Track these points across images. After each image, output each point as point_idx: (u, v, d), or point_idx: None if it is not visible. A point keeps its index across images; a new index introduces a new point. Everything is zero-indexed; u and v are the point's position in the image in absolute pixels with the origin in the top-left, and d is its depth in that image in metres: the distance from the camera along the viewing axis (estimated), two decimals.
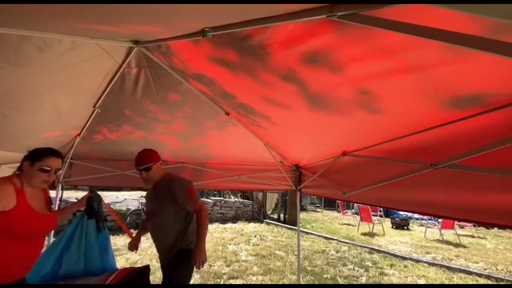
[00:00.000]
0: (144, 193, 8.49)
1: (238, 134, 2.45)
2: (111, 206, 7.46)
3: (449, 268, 5.08)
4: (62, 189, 6.65)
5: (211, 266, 4.67)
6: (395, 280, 4.37)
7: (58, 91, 2.03)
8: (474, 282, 4.47)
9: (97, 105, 2.30)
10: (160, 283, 2.00)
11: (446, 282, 4.38)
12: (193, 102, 2.12)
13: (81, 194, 10.04)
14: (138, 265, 4.61)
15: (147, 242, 6.16)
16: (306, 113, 1.45)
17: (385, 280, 4.35)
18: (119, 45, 1.71)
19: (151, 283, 3.72)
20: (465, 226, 10.25)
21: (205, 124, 2.39)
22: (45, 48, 1.54)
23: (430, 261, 5.47)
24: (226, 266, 4.70)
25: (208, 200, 10.05)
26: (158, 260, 4.98)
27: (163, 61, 1.83)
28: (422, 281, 4.41)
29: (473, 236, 9.34)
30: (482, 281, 4.55)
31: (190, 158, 3.10)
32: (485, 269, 5.27)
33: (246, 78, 1.40)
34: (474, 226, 10.07)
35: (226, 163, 3.19)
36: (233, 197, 11.68)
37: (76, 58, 1.70)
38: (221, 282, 4.01)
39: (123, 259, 4.86)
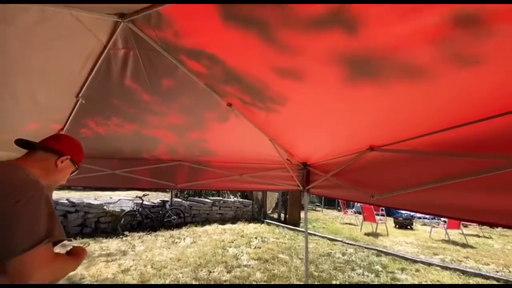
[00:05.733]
0: (140, 193, 8.21)
1: (241, 127, 2.15)
2: (105, 207, 7.13)
3: (463, 272, 4.83)
4: None
5: (210, 272, 4.38)
6: None
7: (32, 77, 1.74)
8: None
9: (80, 95, 2.00)
10: None
11: None
12: (190, 89, 1.83)
13: (73, 194, 9.68)
14: (131, 271, 4.34)
15: (142, 245, 5.86)
16: (335, 88, 1.13)
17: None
18: (102, 18, 1.41)
19: None
20: (470, 225, 10.06)
21: (204, 115, 2.09)
22: (9, 20, 1.26)
23: (443, 265, 5.21)
24: (227, 272, 4.40)
25: (207, 200, 9.76)
26: (153, 266, 4.70)
27: (154, 39, 1.53)
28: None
29: (478, 236, 9.16)
30: None
31: (188, 156, 2.80)
32: (497, 272, 5.04)
33: (259, 43, 1.10)
34: (479, 225, 9.87)
35: (227, 161, 2.91)
36: (232, 197, 11.39)
37: (49, 34, 1.40)
38: None
39: (116, 265, 4.54)
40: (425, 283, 4.30)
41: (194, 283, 3.94)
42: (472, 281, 4.46)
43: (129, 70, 1.76)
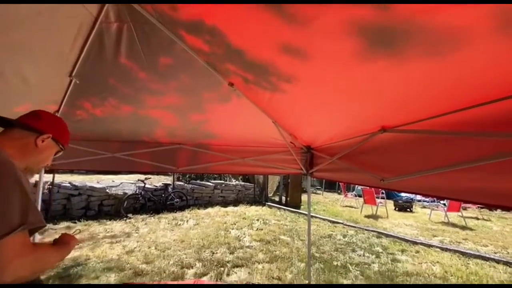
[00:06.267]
0: (142, 177, 8.22)
1: (243, 109, 2.06)
2: (107, 190, 7.17)
3: (463, 253, 4.89)
4: (54, 172, 6.33)
5: (213, 253, 4.45)
6: (410, 268, 4.16)
7: (18, 54, 1.62)
8: (492, 269, 4.28)
9: (73, 74, 1.89)
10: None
11: (463, 269, 4.19)
12: (190, 67, 1.72)
13: (76, 178, 9.74)
14: (136, 252, 4.41)
15: (145, 227, 5.94)
16: (348, 62, 1.02)
17: (399, 267, 4.15)
18: None
19: (151, 273, 3.46)
20: (469, 207, 10.14)
21: (204, 95, 1.99)
22: None
23: (443, 246, 5.28)
24: (230, 253, 4.47)
25: (209, 183, 9.81)
26: (157, 248, 4.77)
27: (149, 10, 1.40)
28: (437, 268, 4.21)
29: (477, 218, 9.25)
30: (501, 267, 4.36)
31: (188, 139, 2.72)
32: (495, 253, 5.12)
33: (264, 12, 0.99)
34: (478, 207, 9.95)
35: (229, 144, 2.84)
36: (234, 180, 11.46)
37: (32, 6, 1.28)
38: (225, 271, 3.79)
39: (120, 246, 4.62)
40: (425, 264, 4.36)
41: (197, 264, 4.00)
42: (472, 262, 4.52)
43: (123, 46, 1.64)
